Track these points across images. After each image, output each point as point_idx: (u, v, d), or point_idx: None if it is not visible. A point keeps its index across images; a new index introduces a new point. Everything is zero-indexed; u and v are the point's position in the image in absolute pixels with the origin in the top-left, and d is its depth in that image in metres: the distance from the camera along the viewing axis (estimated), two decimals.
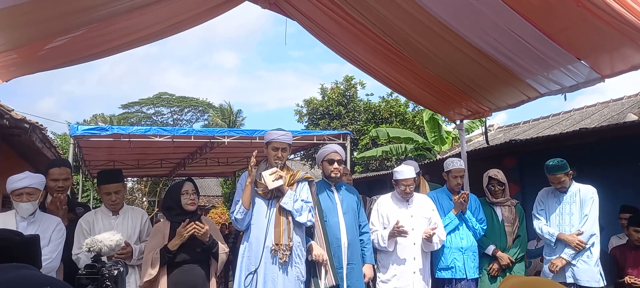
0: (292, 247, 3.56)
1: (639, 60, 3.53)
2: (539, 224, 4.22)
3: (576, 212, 4.05)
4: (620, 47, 3.44)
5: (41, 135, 6.26)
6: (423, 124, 13.68)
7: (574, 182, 4.14)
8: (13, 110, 5.31)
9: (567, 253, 3.97)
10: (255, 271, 3.46)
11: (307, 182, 3.79)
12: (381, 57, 5.13)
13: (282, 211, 3.59)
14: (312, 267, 3.73)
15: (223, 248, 3.59)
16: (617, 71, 3.81)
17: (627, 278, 4.06)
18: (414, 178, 4.12)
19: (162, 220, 3.95)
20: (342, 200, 3.96)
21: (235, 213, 3.60)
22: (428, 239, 3.95)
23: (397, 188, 4.14)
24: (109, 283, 1.95)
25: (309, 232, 3.77)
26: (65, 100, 66.29)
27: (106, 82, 63.98)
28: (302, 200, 3.67)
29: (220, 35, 78.38)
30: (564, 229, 4.07)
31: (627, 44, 3.31)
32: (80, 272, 2.00)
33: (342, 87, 18.95)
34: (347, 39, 5.12)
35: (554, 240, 4.07)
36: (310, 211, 3.69)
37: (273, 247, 3.50)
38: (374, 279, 4.02)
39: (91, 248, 2.05)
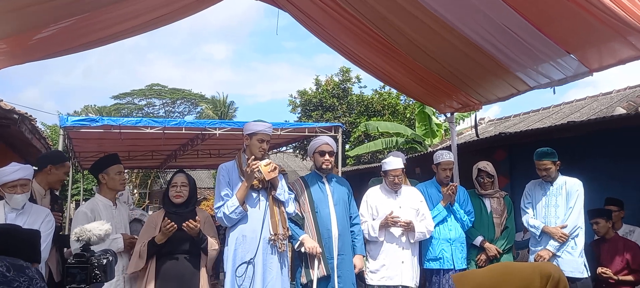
0: (288, 236, 3.60)
1: (627, 55, 3.55)
2: (526, 217, 4.28)
3: (562, 204, 4.11)
4: (609, 41, 3.46)
5: (30, 126, 6.22)
6: (414, 116, 13.70)
7: (560, 174, 4.20)
8: (2, 100, 5.27)
9: (552, 245, 4.04)
10: (251, 261, 3.45)
11: (282, 175, 3.76)
12: (372, 49, 5.12)
13: (275, 202, 3.61)
14: (304, 258, 3.77)
15: (212, 243, 3.52)
16: (605, 65, 3.85)
17: (599, 269, 4.12)
18: (402, 169, 4.15)
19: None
20: (333, 191, 3.99)
21: (229, 213, 3.45)
22: (406, 230, 4.00)
23: (386, 179, 4.17)
24: (98, 272, 1.96)
25: (299, 223, 3.79)
26: (50, 90, 65.76)
27: (93, 73, 63.54)
28: (287, 192, 3.71)
29: (210, 26, 77.94)
30: (550, 221, 4.13)
31: (616, 38, 3.34)
32: (69, 261, 2.01)
33: (337, 79, 18.82)
34: (338, 31, 5.10)
35: (539, 233, 4.14)
36: (294, 201, 3.74)
37: (272, 238, 3.51)
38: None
39: (80, 238, 2.06)
